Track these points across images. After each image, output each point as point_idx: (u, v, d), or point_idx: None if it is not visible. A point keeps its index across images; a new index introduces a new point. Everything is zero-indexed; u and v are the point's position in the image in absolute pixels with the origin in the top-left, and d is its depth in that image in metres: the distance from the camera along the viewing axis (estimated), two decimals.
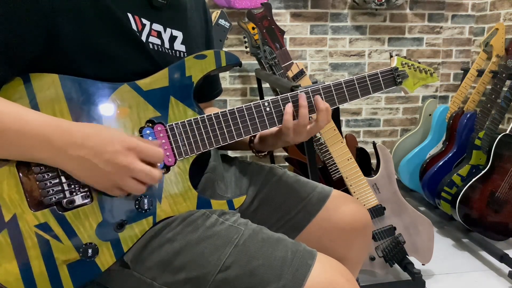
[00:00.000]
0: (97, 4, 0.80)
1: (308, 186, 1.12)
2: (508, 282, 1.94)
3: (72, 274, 0.80)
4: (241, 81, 2.74)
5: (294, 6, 2.68)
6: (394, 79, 1.05)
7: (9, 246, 0.75)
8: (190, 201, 0.90)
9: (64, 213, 0.79)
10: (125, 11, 0.85)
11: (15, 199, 0.76)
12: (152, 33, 0.90)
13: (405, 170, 2.58)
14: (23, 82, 0.77)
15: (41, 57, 0.78)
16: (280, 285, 0.77)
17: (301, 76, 1.72)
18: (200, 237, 0.83)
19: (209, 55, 0.93)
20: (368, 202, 1.76)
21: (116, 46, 0.83)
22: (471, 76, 2.51)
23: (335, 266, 0.84)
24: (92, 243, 0.80)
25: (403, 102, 2.94)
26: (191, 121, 0.89)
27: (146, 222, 0.85)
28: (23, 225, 0.76)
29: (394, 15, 2.79)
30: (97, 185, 0.79)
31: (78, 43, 0.79)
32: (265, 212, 1.10)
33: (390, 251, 1.81)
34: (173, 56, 0.95)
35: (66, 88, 0.79)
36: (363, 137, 2.95)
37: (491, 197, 2.12)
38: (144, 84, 0.87)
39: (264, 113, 0.94)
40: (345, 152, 1.73)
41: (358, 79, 1.01)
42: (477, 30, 2.85)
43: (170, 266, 0.83)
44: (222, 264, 0.80)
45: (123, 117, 0.84)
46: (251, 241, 0.83)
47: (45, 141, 0.73)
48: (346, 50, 2.80)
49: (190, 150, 0.89)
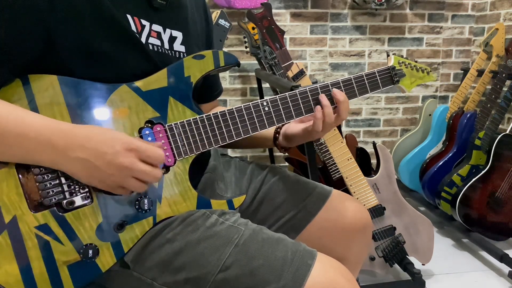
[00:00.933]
0: (96, 6, 0.80)
1: (308, 186, 1.12)
2: (508, 282, 1.94)
3: (73, 275, 0.80)
4: (241, 81, 2.74)
5: (294, 6, 2.68)
6: (392, 78, 1.05)
7: (9, 247, 0.75)
8: (190, 201, 0.90)
9: (64, 214, 0.79)
10: (124, 13, 0.84)
11: (15, 201, 0.76)
12: (152, 34, 0.90)
13: (405, 170, 2.58)
14: (22, 83, 0.77)
15: (40, 58, 0.78)
16: (280, 285, 0.77)
17: (301, 76, 1.72)
18: (200, 237, 0.84)
19: (208, 55, 0.93)
20: (368, 202, 1.76)
21: (115, 47, 0.83)
22: (471, 76, 2.51)
23: (335, 266, 0.84)
24: (93, 244, 0.80)
25: (403, 102, 2.94)
26: (190, 121, 0.89)
27: (146, 222, 0.85)
28: (23, 227, 0.76)
29: (394, 15, 2.79)
30: (100, 185, 0.79)
31: (76, 45, 0.79)
32: (265, 212, 1.10)
33: (390, 251, 1.81)
34: (172, 57, 0.95)
35: (65, 89, 0.79)
36: (363, 137, 2.95)
37: (491, 197, 2.12)
38: (143, 84, 0.87)
39: (263, 112, 0.94)
40: (345, 152, 1.73)
41: (355, 78, 1.01)
42: (477, 30, 2.85)
43: (170, 266, 0.83)
44: (222, 264, 0.80)
45: (122, 117, 0.84)
46: (251, 241, 0.83)
47: (45, 144, 0.74)
48: (346, 50, 2.80)
49: (190, 150, 0.89)
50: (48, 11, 0.75)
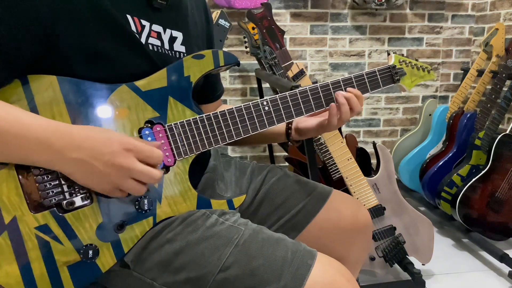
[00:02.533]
0: (96, 7, 0.80)
1: (308, 186, 1.12)
2: (508, 282, 1.94)
3: (73, 275, 0.80)
4: (241, 81, 2.74)
5: (294, 6, 2.68)
6: (392, 77, 1.05)
7: (9, 248, 0.75)
8: (190, 201, 0.90)
9: (64, 215, 0.79)
10: (124, 13, 0.84)
11: (15, 201, 0.75)
12: (152, 34, 0.90)
13: (405, 170, 2.58)
14: (21, 83, 0.77)
15: (39, 58, 0.77)
16: (280, 285, 0.77)
17: (301, 76, 1.72)
18: (200, 237, 0.84)
19: (207, 55, 0.92)
20: (368, 202, 1.76)
21: (115, 48, 0.83)
22: (471, 76, 2.51)
23: (335, 266, 0.84)
24: (93, 244, 0.80)
25: (403, 102, 2.94)
26: (190, 121, 0.89)
27: (146, 222, 0.85)
28: (23, 227, 0.76)
29: (394, 15, 2.79)
30: (97, 187, 0.78)
31: (76, 45, 0.79)
32: (265, 212, 1.10)
33: (390, 251, 1.81)
34: (172, 57, 0.95)
35: (64, 89, 0.79)
36: (363, 137, 2.95)
37: (491, 197, 2.12)
38: (142, 84, 0.87)
39: (263, 112, 0.94)
40: (345, 152, 1.73)
41: (356, 77, 1.01)
42: (477, 30, 2.85)
43: (170, 266, 0.83)
44: (222, 264, 0.80)
45: (122, 117, 0.84)
46: (251, 241, 0.83)
47: (44, 144, 0.73)
48: (346, 50, 2.80)
49: (190, 150, 0.89)
50: (48, 11, 0.75)
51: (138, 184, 0.79)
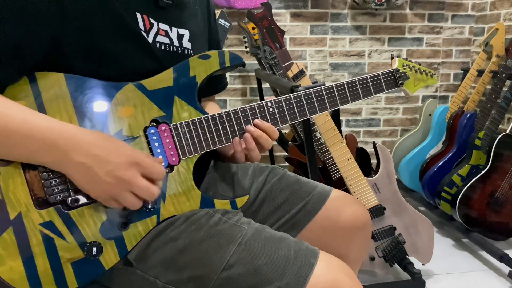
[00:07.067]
0: (105, 7, 0.80)
1: (308, 185, 1.13)
2: (508, 282, 1.95)
3: (77, 272, 0.80)
4: (241, 81, 2.74)
5: (294, 6, 2.68)
6: (396, 81, 1.06)
7: (14, 244, 0.76)
8: (193, 201, 0.90)
9: (69, 212, 0.79)
10: (133, 11, 0.85)
11: (20, 198, 0.76)
12: (160, 32, 0.91)
13: (405, 170, 2.58)
14: (28, 80, 0.78)
15: (48, 57, 0.78)
16: (283, 283, 0.78)
17: (301, 76, 1.72)
18: (203, 236, 0.84)
19: (213, 55, 0.93)
20: (368, 202, 1.76)
21: (122, 46, 0.83)
22: (471, 76, 2.52)
23: (338, 264, 0.84)
24: (97, 241, 0.81)
25: (403, 102, 2.95)
26: (195, 121, 0.90)
27: (150, 221, 0.86)
28: (28, 224, 0.76)
29: (394, 15, 2.79)
30: (94, 194, 0.78)
31: (84, 44, 0.79)
32: (266, 212, 1.10)
33: (390, 251, 1.82)
34: (181, 54, 0.96)
35: (71, 87, 0.80)
36: (363, 137, 2.96)
37: (491, 197, 2.12)
38: (148, 83, 0.87)
39: (267, 113, 0.95)
40: (345, 152, 1.74)
41: (360, 80, 1.01)
42: (477, 30, 2.86)
43: (174, 264, 0.83)
44: (225, 262, 0.80)
45: (127, 116, 0.85)
46: (254, 240, 0.83)
47: (50, 146, 0.74)
48: (346, 50, 2.80)
49: (194, 149, 0.90)
50: (58, 11, 0.76)
51: (135, 198, 0.79)
